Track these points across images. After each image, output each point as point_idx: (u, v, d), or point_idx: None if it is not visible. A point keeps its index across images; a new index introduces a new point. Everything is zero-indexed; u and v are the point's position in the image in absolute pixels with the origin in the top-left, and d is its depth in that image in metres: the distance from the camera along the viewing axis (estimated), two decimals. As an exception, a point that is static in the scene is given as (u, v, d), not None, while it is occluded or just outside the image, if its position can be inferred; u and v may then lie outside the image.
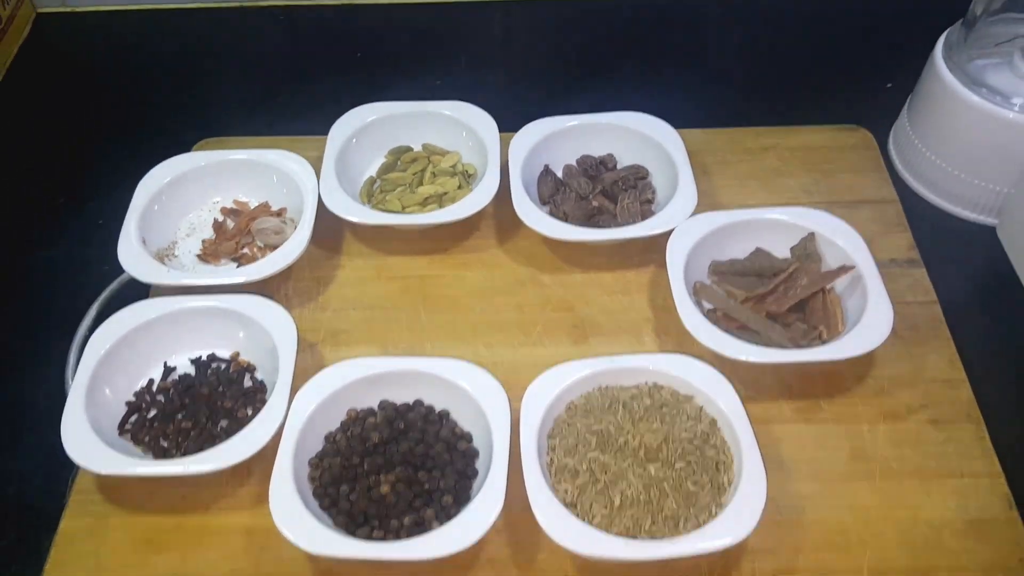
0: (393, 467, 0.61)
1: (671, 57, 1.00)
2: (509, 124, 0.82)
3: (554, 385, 0.63)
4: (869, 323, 0.67)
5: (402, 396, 0.65)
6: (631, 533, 0.57)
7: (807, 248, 0.74)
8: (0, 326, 0.76)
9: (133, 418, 0.65)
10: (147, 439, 0.64)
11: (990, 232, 0.81)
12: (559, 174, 0.82)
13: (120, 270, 0.76)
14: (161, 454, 0.63)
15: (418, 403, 0.65)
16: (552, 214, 0.77)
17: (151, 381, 0.68)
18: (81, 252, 0.81)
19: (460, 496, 0.60)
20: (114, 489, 0.63)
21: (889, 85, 0.98)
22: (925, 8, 0.92)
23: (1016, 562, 0.59)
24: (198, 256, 0.76)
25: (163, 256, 0.75)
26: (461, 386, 0.64)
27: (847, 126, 0.89)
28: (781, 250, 0.75)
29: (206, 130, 0.88)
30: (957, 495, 0.62)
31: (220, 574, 0.59)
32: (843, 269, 0.71)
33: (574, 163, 0.83)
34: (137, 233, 0.73)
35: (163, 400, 0.66)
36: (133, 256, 0.71)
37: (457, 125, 0.83)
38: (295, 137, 0.87)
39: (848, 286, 0.71)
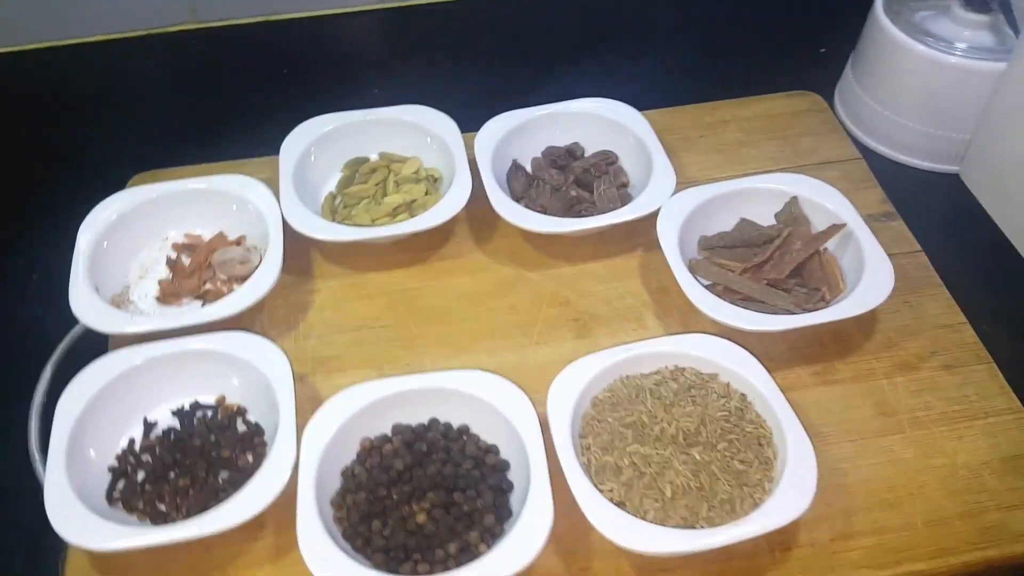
0: (424, 493, 0.56)
1: (615, 43, 1.00)
2: (464, 125, 0.78)
3: (576, 382, 0.60)
4: (871, 278, 0.66)
5: (415, 417, 0.61)
6: (688, 523, 0.55)
7: (793, 212, 0.73)
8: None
9: (120, 484, 0.58)
10: (141, 505, 0.57)
11: (952, 179, 0.83)
12: (528, 169, 0.79)
13: (67, 325, 0.69)
14: (160, 519, 0.57)
15: (434, 422, 0.61)
16: (529, 208, 0.74)
17: (132, 441, 0.61)
18: (19, 311, 0.73)
19: (501, 513, 0.56)
20: (114, 566, 0.56)
21: (823, 50, 0.99)
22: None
23: (1058, 492, 0.59)
24: (157, 299, 0.70)
25: (118, 303, 0.68)
26: (478, 397, 0.60)
27: (797, 92, 0.89)
28: (766, 218, 0.74)
29: (137, 165, 0.81)
30: (987, 435, 0.62)
31: (253, 639, 0.53)
32: (835, 228, 0.70)
33: (540, 156, 0.80)
34: (88, 281, 0.66)
35: (150, 459, 0.59)
36: (89, 307, 0.64)
37: (414, 129, 0.79)
38: (235, 161, 0.81)
39: (839, 245, 0.71)
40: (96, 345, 0.67)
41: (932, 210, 0.80)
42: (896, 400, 0.64)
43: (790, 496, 0.54)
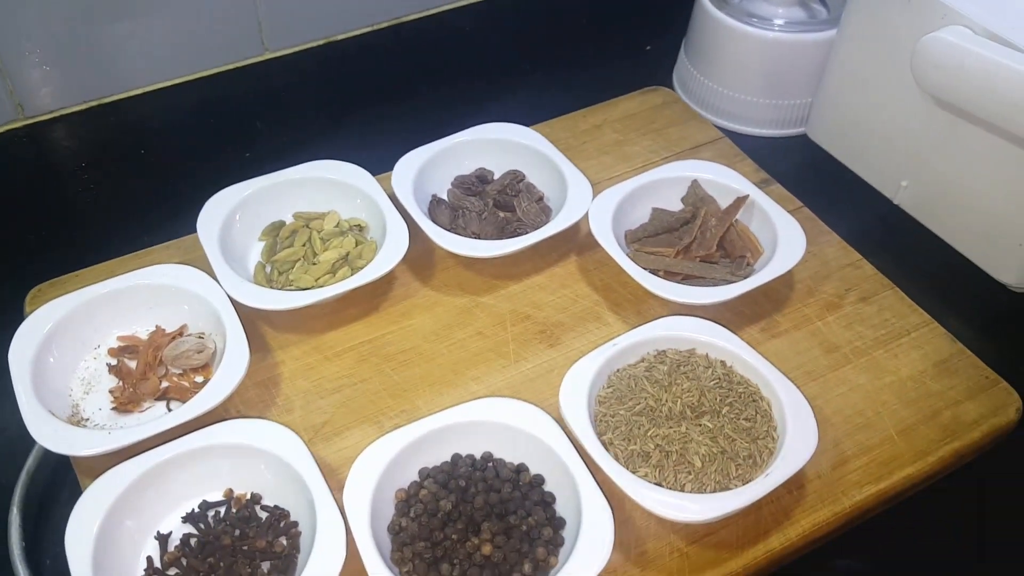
0: (479, 525, 0.57)
1: (469, 73, 1.03)
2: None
3: (579, 385, 0.63)
4: (785, 238, 0.75)
5: (437, 457, 0.61)
6: (723, 486, 0.59)
7: (697, 193, 0.80)
8: None
9: (158, 607, 0.55)
10: (191, 620, 0.54)
11: (799, 139, 0.94)
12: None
13: (12, 465, 0.63)
14: (216, 627, 0.54)
15: (457, 457, 0.61)
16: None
17: (150, 559, 0.57)
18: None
19: (556, 523, 0.58)
20: None
21: (648, 48, 1.09)
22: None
23: (984, 380, 0.69)
24: (114, 409, 0.65)
25: (75, 425, 0.63)
26: (493, 422, 0.61)
27: (649, 88, 0.97)
28: (674, 204, 0.81)
29: (23, 280, 0.75)
30: (915, 348, 0.72)
31: None
32: (740, 200, 0.78)
33: (452, 186, 0.82)
34: (41, 406, 0.61)
35: (180, 573, 0.56)
36: (55, 433, 0.59)
37: (322, 183, 0.78)
38: (137, 254, 0.77)
39: (743, 214, 0.79)
40: (51, 477, 0.62)
41: (791, 169, 0.90)
42: (835, 336, 0.73)
43: (798, 438, 0.60)
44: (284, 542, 0.57)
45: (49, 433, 0.59)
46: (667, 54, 1.04)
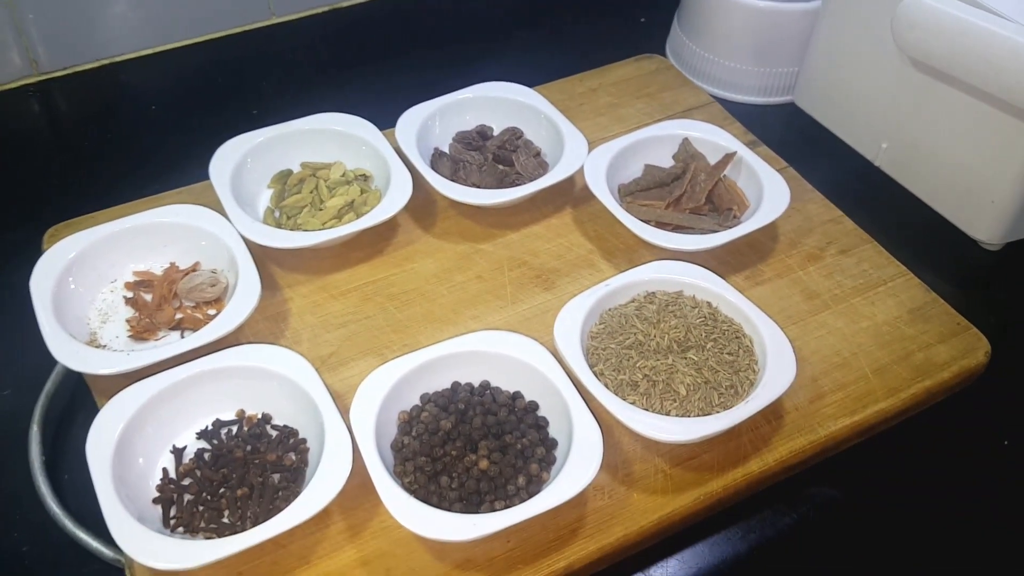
0: (476, 444, 0.61)
1: (471, 36, 1.07)
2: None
3: (573, 321, 0.67)
4: (769, 191, 0.79)
5: (437, 384, 0.65)
6: (705, 412, 0.63)
7: (688, 151, 0.84)
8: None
9: (172, 511, 0.58)
10: (203, 524, 0.57)
11: (789, 107, 0.98)
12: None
13: (33, 387, 0.67)
14: (228, 531, 0.57)
15: (456, 384, 0.65)
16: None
17: (165, 470, 0.60)
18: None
19: (548, 444, 0.62)
20: (194, 588, 0.56)
21: (643, 20, 1.13)
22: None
23: (955, 326, 0.73)
24: (130, 337, 0.68)
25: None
26: (494, 352, 0.65)
27: (643, 56, 1.00)
28: (665, 160, 0.85)
29: (40, 222, 0.78)
30: (890, 296, 0.76)
31: (361, 612, 0.55)
32: (729, 156, 0.82)
33: (453, 141, 0.85)
34: (62, 330, 0.64)
35: (194, 482, 0.59)
36: (77, 353, 0.63)
37: (329, 134, 0.82)
38: (149, 198, 0.80)
39: (731, 170, 0.83)
40: (70, 401, 0.66)
41: (779, 134, 0.94)
42: (815, 285, 0.76)
43: (777, 371, 0.64)
44: (293, 457, 0.61)
45: (69, 353, 0.63)
46: (661, 26, 1.08)
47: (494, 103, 0.86)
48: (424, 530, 0.54)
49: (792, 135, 0.95)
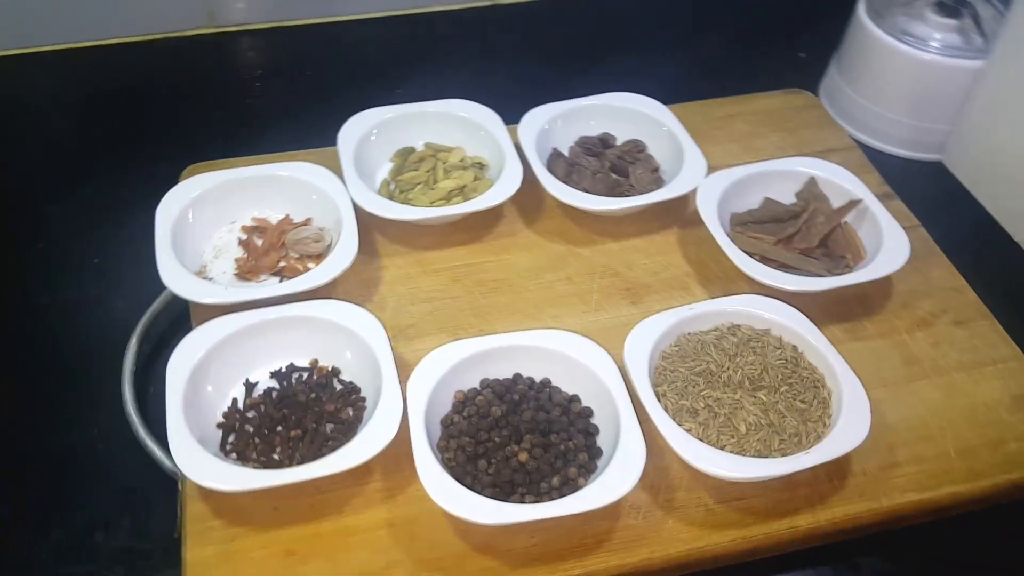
0: (521, 436, 0.61)
1: (621, 46, 1.08)
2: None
3: (647, 338, 0.66)
4: (888, 246, 0.75)
5: (500, 372, 0.66)
6: (762, 455, 0.61)
7: (812, 191, 0.81)
8: (32, 389, 0.71)
9: (231, 438, 0.62)
10: (255, 455, 0.61)
11: (935, 166, 0.93)
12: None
13: (136, 303, 0.73)
14: (275, 467, 0.60)
15: (518, 376, 0.66)
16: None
17: (235, 400, 0.64)
18: (87, 296, 0.76)
19: (593, 452, 0.62)
20: (233, 511, 0.59)
21: (802, 55, 1.09)
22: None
23: (1063, 423, 0.68)
24: (235, 275, 0.73)
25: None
26: (559, 352, 0.65)
27: (792, 90, 0.98)
28: (787, 197, 0.82)
29: (184, 159, 0.84)
30: (997, 379, 0.70)
31: (376, 569, 0.57)
32: (853, 203, 0.79)
33: (575, 144, 0.86)
34: (174, 258, 0.69)
35: (256, 416, 0.63)
36: (185, 282, 0.68)
37: (456, 120, 0.84)
38: (282, 154, 0.85)
39: (855, 219, 0.79)
40: (171, 324, 0.72)
41: (920, 192, 0.89)
42: (918, 351, 0.72)
43: (849, 429, 0.61)
44: (351, 412, 0.64)
45: (176, 278, 0.68)
46: (820, 64, 1.04)
47: (621, 113, 0.87)
48: (449, 505, 0.56)
49: (933, 195, 0.90)
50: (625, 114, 0.87)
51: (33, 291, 0.77)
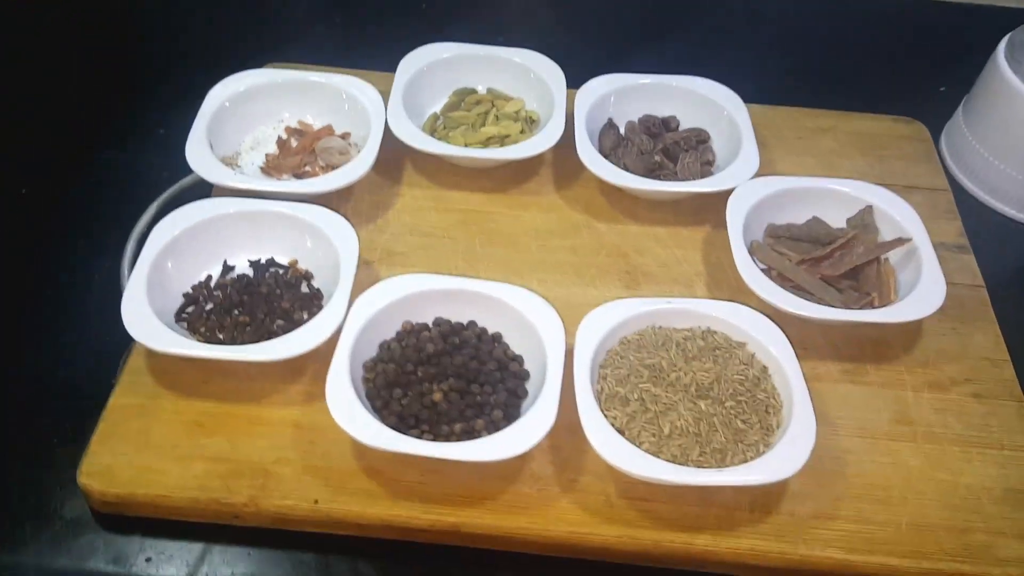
0: (446, 378, 0.61)
1: (734, 28, 1.03)
2: (570, 80, 0.83)
3: (609, 318, 0.64)
4: (921, 294, 0.68)
5: (457, 315, 0.66)
6: (678, 462, 0.58)
7: (864, 219, 0.75)
8: (60, 220, 0.77)
9: (190, 308, 0.66)
10: (203, 329, 0.64)
11: (1039, 229, 0.82)
12: (621, 130, 0.83)
13: (179, 176, 0.77)
14: (216, 343, 0.63)
15: (472, 323, 0.66)
16: (613, 164, 0.77)
17: (209, 277, 0.68)
18: (141, 157, 0.82)
19: (510, 412, 0.61)
20: (165, 373, 0.63)
21: (943, 88, 0.99)
22: (980, 16, 0.96)
23: (1052, 533, 0.59)
24: (261, 169, 0.77)
25: (227, 164, 0.76)
26: (517, 309, 0.64)
27: (903, 118, 0.90)
28: (837, 220, 0.76)
29: (271, 55, 0.89)
30: (998, 465, 0.63)
31: (266, 461, 0.59)
32: (899, 240, 0.72)
33: (636, 121, 0.83)
34: (206, 138, 0.74)
35: (221, 295, 0.67)
36: (202, 158, 0.72)
37: (524, 72, 0.84)
38: (359, 71, 0.88)
39: (901, 260, 0.72)
40: (197, 197, 0.75)
41: (1010, 254, 0.80)
42: (917, 413, 0.65)
43: (779, 461, 0.57)
44: (305, 316, 0.66)
45: (197, 156, 0.72)
46: (959, 101, 0.94)
47: (696, 99, 0.83)
48: (338, 414, 0.57)
49: (1019, 261, 0.80)
50: (698, 100, 0.83)
51: (105, 144, 0.84)
